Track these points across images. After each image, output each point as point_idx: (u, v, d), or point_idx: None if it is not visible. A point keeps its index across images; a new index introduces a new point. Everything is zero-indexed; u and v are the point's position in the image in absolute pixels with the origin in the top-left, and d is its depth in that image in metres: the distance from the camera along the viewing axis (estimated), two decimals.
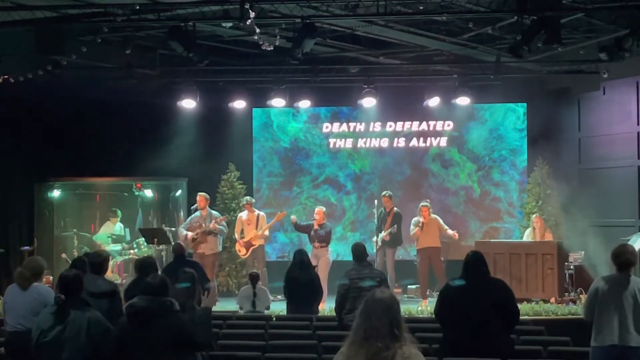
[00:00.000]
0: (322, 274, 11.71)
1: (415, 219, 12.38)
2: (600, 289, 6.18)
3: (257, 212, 12.71)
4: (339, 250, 14.33)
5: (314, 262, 11.28)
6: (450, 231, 12.32)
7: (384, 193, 12.83)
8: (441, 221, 12.44)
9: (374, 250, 12.42)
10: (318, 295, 9.23)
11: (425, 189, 14.67)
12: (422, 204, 12.48)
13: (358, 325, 3.67)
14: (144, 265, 7.61)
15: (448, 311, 6.24)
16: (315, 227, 12.14)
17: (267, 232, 12.77)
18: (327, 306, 10.79)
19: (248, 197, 13.09)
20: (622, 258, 6.17)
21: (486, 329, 5.94)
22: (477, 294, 6.07)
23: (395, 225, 12.46)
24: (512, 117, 14.66)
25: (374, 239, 12.45)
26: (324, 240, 12.07)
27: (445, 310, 6.28)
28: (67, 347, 5.15)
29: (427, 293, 12.38)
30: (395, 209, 12.64)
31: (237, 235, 12.68)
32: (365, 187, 14.82)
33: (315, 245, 12.02)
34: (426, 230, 12.24)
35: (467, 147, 14.74)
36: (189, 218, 12.49)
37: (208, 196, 12.38)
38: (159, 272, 9.47)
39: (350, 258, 8.27)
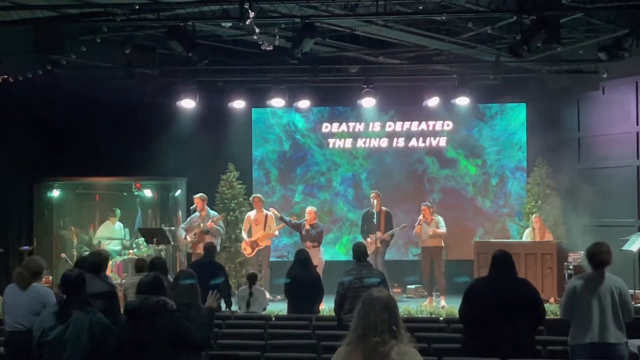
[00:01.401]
0: None
1: (419, 217, 12.45)
2: (577, 288, 6.24)
3: (265, 212, 12.70)
4: (336, 251, 14.36)
5: None
6: (435, 230, 12.24)
7: (375, 191, 12.74)
8: (441, 223, 12.39)
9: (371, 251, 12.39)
10: (319, 295, 9.22)
11: (425, 189, 14.67)
12: (423, 203, 12.56)
13: (356, 324, 3.70)
14: (154, 266, 7.41)
15: (474, 310, 6.18)
16: (307, 227, 12.13)
17: (276, 233, 12.78)
18: (325, 306, 10.79)
19: (258, 194, 13.09)
20: (598, 258, 6.25)
21: (512, 328, 5.94)
22: (504, 293, 6.05)
23: (405, 225, 12.50)
24: (512, 116, 14.66)
25: (368, 239, 12.27)
26: (316, 240, 12.08)
27: (471, 309, 6.22)
28: (68, 347, 5.16)
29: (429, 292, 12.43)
30: (383, 208, 12.55)
31: (244, 234, 12.68)
32: (365, 187, 14.80)
33: (307, 245, 11.96)
34: (427, 230, 12.29)
35: (466, 147, 14.74)
36: (189, 219, 12.50)
37: (205, 196, 12.36)
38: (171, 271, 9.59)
39: (346, 258, 8.27)
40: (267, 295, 11.46)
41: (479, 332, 6.13)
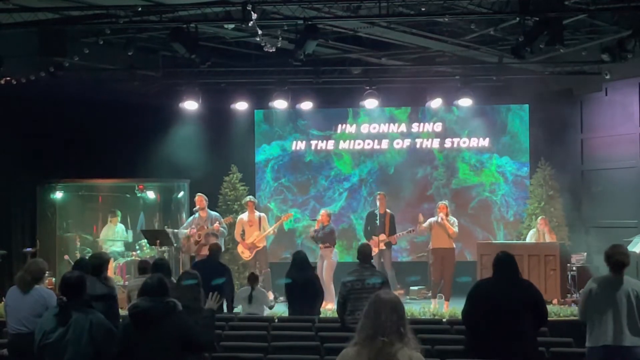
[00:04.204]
0: (328, 275, 11.68)
1: (431, 219, 12.00)
2: (594, 290, 6.23)
3: (257, 213, 12.68)
4: (339, 252, 14.34)
5: (318, 263, 11.28)
6: (451, 229, 11.96)
7: (380, 192, 12.70)
8: (456, 223, 12.06)
9: (374, 253, 12.36)
10: (318, 297, 9.16)
11: (428, 190, 14.66)
12: (441, 202, 12.24)
13: (364, 325, 3.66)
14: (156, 267, 7.39)
15: (478, 311, 6.15)
16: (317, 227, 12.11)
17: (272, 232, 12.76)
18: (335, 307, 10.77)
19: (251, 197, 13.09)
20: (615, 259, 6.24)
21: (516, 329, 5.92)
22: (508, 294, 6.02)
23: (412, 229, 12.35)
24: (515, 118, 14.65)
25: (374, 238, 12.23)
26: (327, 240, 12.00)
27: (474, 310, 6.19)
28: (69, 349, 5.15)
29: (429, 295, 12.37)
30: (388, 210, 12.46)
31: (237, 237, 12.66)
32: (368, 189, 14.80)
33: (320, 246, 11.99)
34: (440, 231, 11.89)
35: (469, 148, 14.72)
36: (188, 220, 12.48)
37: (205, 197, 12.38)
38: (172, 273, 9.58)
39: (350, 260, 8.26)
40: (271, 296, 11.45)
41: (482, 334, 6.12)
